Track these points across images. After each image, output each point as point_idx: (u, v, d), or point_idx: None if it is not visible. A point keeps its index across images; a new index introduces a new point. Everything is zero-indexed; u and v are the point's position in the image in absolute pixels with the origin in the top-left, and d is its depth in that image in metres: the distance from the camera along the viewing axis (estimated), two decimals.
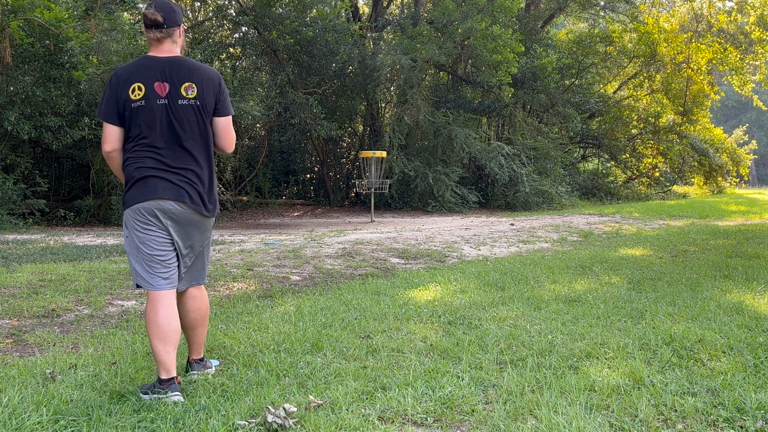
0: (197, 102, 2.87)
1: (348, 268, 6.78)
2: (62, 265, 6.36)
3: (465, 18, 16.90)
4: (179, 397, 2.73)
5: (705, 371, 3.10)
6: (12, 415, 2.51)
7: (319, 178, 20.58)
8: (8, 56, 10.53)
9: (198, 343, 3.14)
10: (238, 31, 18.48)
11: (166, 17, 2.86)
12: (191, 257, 3.02)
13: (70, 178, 15.08)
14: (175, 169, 2.85)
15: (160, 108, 2.83)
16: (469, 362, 3.26)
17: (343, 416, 2.54)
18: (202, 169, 2.91)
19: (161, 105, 2.83)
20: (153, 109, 2.82)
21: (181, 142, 2.86)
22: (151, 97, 2.82)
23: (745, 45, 25.46)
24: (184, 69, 2.88)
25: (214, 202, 3.00)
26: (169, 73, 2.86)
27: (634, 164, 26.68)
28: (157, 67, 2.86)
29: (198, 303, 3.08)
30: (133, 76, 2.84)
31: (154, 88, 2.83)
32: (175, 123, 2.84)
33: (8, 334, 3.90)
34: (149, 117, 2.82)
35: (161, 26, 2.86)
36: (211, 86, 2.91)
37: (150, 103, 2.82)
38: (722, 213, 15.20)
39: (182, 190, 2.85)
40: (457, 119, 18.36)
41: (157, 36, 2.88)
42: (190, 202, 2.86)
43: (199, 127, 2.89)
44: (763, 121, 59.41)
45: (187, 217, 2.89)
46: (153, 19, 2.85)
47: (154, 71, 2.85)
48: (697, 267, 6.61)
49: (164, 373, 2.77)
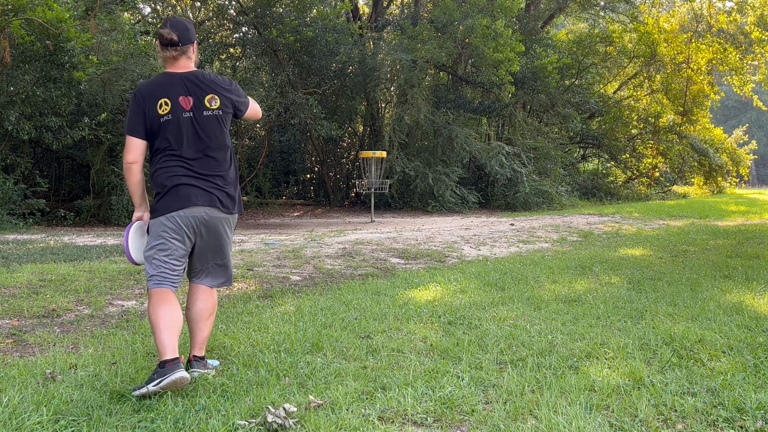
0: (220, 111, 3.07)
1: (348, 268, 6.78)
2: (62, 265, 6.36)
3: (465, 18, 16.90)
4: (184, 374, 2.74)
5: (705, 371, 3.10)
6: (12, 415, 2.51)
7: (319, 178, 20.58)
8: (7, 56, 10.53)
9: (200, 339, 3.16)
10: (238, 31, 18.48)
11: (181, 36, 3.03)
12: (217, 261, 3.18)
13: (70, 178, 15.07)
14: (205, 177, 3.03)
15: (186, 121, 3.00)
16: (469, 362, 3.27)
17: (343, 416, 2.54)
18: (228, 171, 3.12)
19: (187, 118, 3.01)
20: (180, 123, 3.00)
21: (207, 152, 3.04)
22: (178, 111, 3.00)
23: (744, 45, 25.45)
24: (206, 82, 3.07)
25: (240, 199, 3.22)
26: (191, 87, 3.04)
27: (634, 164, 26.68)
28: (179, 82, 3.03)
29: (206, 296, 3.18)
30: (158, 92, 3.00)
31: (180, 102, 3.01)
32: (201, 133, 3.03)
33: (8, 334, 3.90)
34: (177, 130, 3.00)
35: (176, 44, 3.03)
36: (228, 95, 3.12)
37: (177, 117, 2.99)
38: (722, 213, 15.20)
39: (213, 195, 3.04)
40: (457, 119, 18.36)
41: (173, 54, 3.05)
42: (221, 206, 3.06)
43: (223, 133, 3.10)
44: (763, 121, 59.41)
45: (218, 221, 3.07)
46: (169, 38, 3.01)
47: (176, 86, 3.02)
48: (697, 267, 6.61)
49: (170, 353, 2.81)
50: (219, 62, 18.13)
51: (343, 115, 19.77)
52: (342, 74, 18.46)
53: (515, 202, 18.33)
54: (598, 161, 27.12)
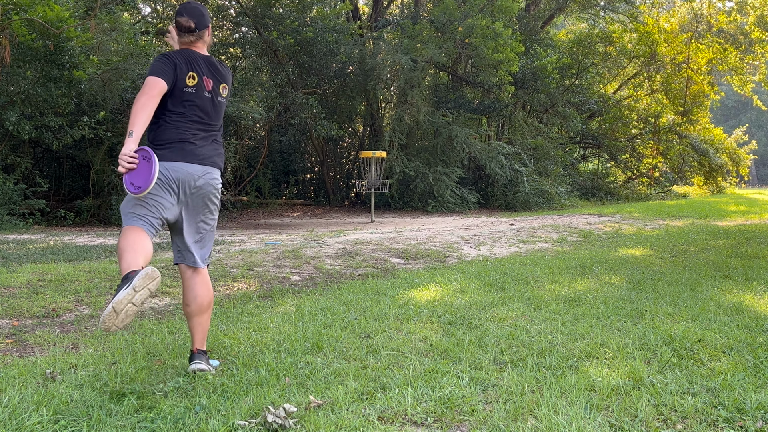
0: (226, 101, 3.27)
1: (348, 268, 6.78)
2: (62, 265, 6.36)
3: (465, 18, 16.90)
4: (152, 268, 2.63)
5: (705, 371, 3.10)
6: (12, 415, 2.51)
7: (319, 178, 20.57)
8: (7, 56, 10.53)
9: (199, 332, 3.17)
10: (238, 32, 18.48)
11: (198, 22, 3.14)
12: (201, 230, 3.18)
13: (70, 178, 15.06)
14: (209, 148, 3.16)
15: (206, 99, 3.14)
16: (469, 362, 3.27)
17: (343, 416, 2.54)
18: (221, 156, 3.25)
19: (207, 98, 3.14)
20: (202, 98, 3.13)
21: (213, 132, 3.20)
22: (201, 88, 3.12)
23: (745, 45, 25.45)
24: (221, 71, 3.22)
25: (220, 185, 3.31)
26: (213, 71, 3.18)
27: (634, 164, 26.67)
28: (203, 62, 3.15)
29: (199, 289, 3.17)
30: (189, 65, 3.09)
31: (204, 81, 3.13)
32: (213, 115, 3.19)
33: (8, 334, 3.90)
34: (196, 104, 3.11)
35: (194, 30, 3.14)
36: (229, 87, 3.30)
37: (200, 93, 3.12)
38: (722, 213, 15.20)
39: (214, 159, 3.17)
40: (457, 119, 18.36)
41: (191, 39, 3.17)
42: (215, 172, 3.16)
43: (222, 121, 3.28)
44: (763, 121, 59.41)
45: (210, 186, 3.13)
46: (187, 26, 3.13)
47: (202, 66, 3.14)
48: (697, 267, 6.61)
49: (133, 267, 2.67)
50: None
51: (343, 115, 19.76)
52: (342, 74, 18.46)
53: (515, 202, 18.33)
54: (598, 161, 27.12)
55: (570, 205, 19.19)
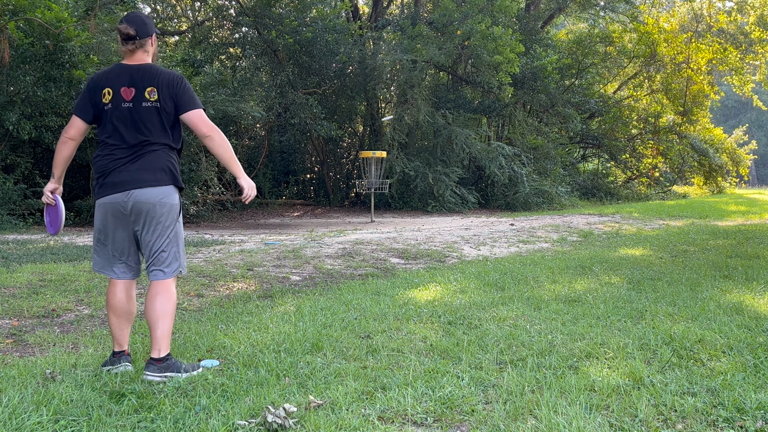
0: (158, 104, 3.14)
1: (348, 268, 6.78)
2: (62, 265, 6.36)
3: (465, 18, 16.90)
4: (129, 367, 3.14)
5: (705, 371, 3.10)
6: (12, 415, 2.50)
7: (319, 178, 20.58)
8: (7, 56, 10.53)
9: (153, 338, 3.11)
10: (238, 32, 18.48)
11: (138, 30, 3.14)
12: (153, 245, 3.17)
13: (70, 178, 15.00)
14: (138, 161, 3.12)
15: (124, 111, 3.12)
16: (469, 362, 3.26)
17: (343, 416, 2.54)
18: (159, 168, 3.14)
19: (125, 108, 3.12)
20: (119, 111, 3.12)
21: (142, 146, 3.12)
22: (118, 100, 3.13)
23: (745, 45, 25.47)
24: (149, 75, 3.15)
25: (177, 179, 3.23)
26: (136, 79, 3.14)
27: (634, 164, 26.68)
28: (126, 73, 3.15)
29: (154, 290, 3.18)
30: (104, 82, 3.15)
31: (121, 93, 3.13)
32: (140, 125, 3.13)
33: (8, 334, 3.90)
34: (114, 120, 3.13)
35: (134, 38, 3.15)
36: (168, 89, 3.15)
37: (117, 105, 3.12)
38: (722, 213, 15.20)
39: (139, 176, 3.10)
40: (457, 119, 18.36)
41: (130, 48, 3.17)
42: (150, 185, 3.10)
43: (162, 125, 3.16)
44: (763, 121, 59.41)
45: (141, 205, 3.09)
46: (126, 33, 3.13)
47: (122, 78, 3.15)
48: (697, 267, 6.61)
49: (116, 348, 3.21)
50: (219, 62, 18.12)
51: (343, 115, 19.77)
52: (342, 74, 18.45)
53: (515, 202, 18.33)
54: (598, 161, 27.13)
55: (570, 205, 19.19)
